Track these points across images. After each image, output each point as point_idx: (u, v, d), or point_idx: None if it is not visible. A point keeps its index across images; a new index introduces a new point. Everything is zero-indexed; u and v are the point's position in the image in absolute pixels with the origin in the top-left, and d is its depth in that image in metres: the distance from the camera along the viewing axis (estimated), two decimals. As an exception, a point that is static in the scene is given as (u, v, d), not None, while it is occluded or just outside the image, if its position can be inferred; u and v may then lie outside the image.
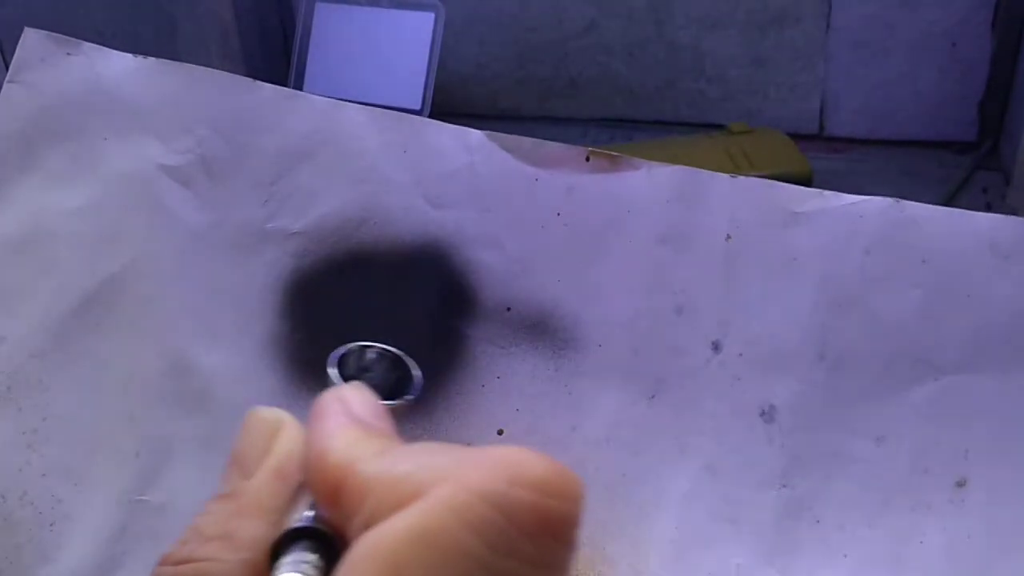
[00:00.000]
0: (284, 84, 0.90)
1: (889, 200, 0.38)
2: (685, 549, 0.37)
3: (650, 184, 0.40)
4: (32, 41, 0.44)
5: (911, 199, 0.84)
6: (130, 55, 0.44)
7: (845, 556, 0.36)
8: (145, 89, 0.43)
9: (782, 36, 0.86)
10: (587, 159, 0.41)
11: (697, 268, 0.39)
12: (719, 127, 0.82)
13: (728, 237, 0.40)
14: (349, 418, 0.22)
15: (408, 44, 0.85)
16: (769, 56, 0.87)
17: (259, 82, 0.43)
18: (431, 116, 0.84)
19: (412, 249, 0.42)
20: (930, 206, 0.39)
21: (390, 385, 0.28)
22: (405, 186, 0.42)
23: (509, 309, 0.41)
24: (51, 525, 0.39)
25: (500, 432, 0.39)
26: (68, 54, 0.44)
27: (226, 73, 0.44)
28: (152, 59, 0.43)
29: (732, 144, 0.76)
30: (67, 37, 0.44)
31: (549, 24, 0.91)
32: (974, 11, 0.80)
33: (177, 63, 0.44)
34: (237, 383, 0.41)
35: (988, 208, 0.75)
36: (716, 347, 0.39)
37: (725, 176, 0.40)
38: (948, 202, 0.76)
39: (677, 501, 0.38)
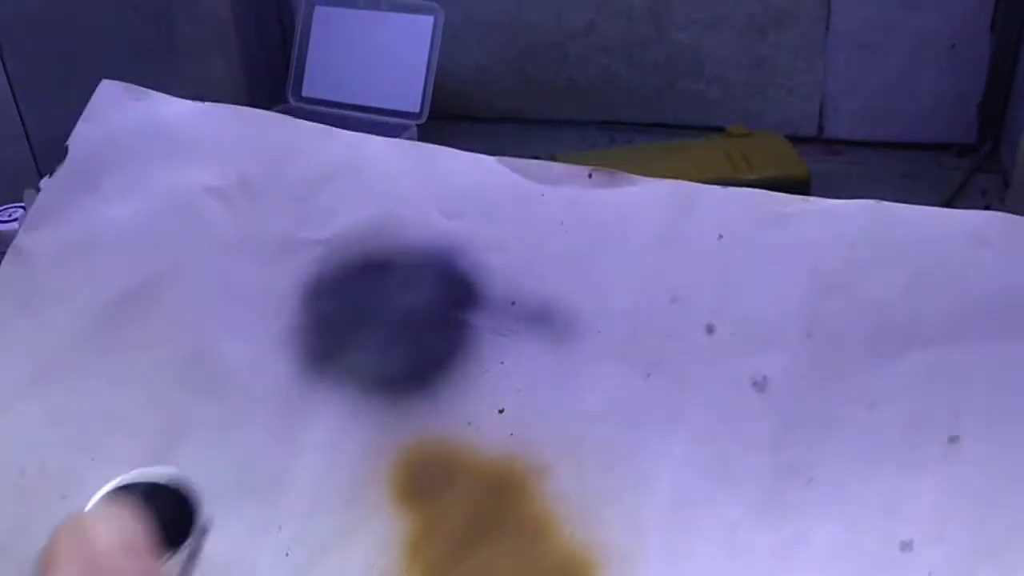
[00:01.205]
0: (282, 87, 0.91)
1: (872, 201, 0.41)
2: (680, 509, 0.38)
3: (647, 196, 0.44)
4: (107, 89, 0.50)
5: (910, 201, 0.84)
6: (191, 102, 0.50)
7: (839, 511, 0.37)
8: (198, 126, 0.49)
9: (781, 38, 0.86)
10: (589, 176, 0.45)
11: (691, 263, 0.42)
12: (718, 129, 0.82)
13: (720, 236, 0.42)
14: (82, 566, 0.19)
15: (407, 47, 0.85)
16: (768, 58, 0.87)
17: (298, 120, 0.49)
18: (430, 119, 0.84)
19: (424, 253, 0.45)
20: (912, 206, 0.41)
21: (177, 522, 0.26)
22: (421, 201, 0.46)
23: (513, 303, 0.43)
24: (63, 497, 0.41)
25: (501, 411, 0.41)
26: (136, 100, 0.50)
27: (270, 112, 0.50)
28: (209, 104, 0.50)
29: (731, 146, 0.76)
30: (140, 88, 0.50)
31: (548, 26, 0.91)
32: (973, 13, 0.80)
33: (230, 107, 0.50)
34: (255, 371, 0.44)
35: (987, 210, 0.75)
36: (709, 330, 0.41)
37: (717, 187, 0.43)
38: (947, 204, 0.76)
39: (672, 466, 0.39)
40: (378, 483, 0.41)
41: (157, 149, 0.49)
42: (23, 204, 0.57)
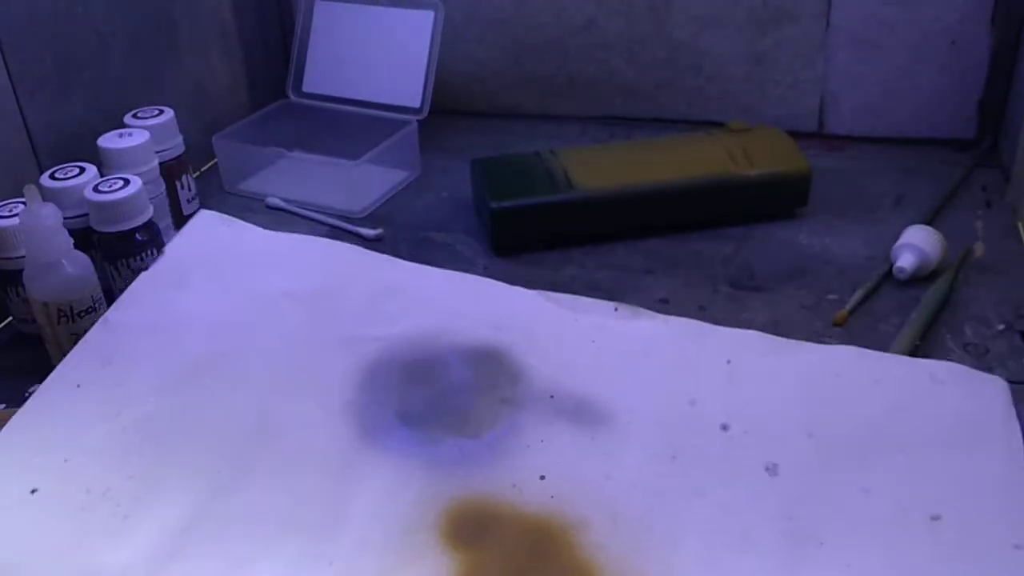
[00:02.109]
0: (283, 83, 0.91)
1: (852, 348, 0.53)
2: (708, 561, 0.43)
3: (666, 330, 0.54)
4: (203, 217, 0.61)
5: (911, 196, 0.84)
6: (274, 232, 0.61)
7: (848, 566, 0.42)
8: (280, 247, 0.60)
9: (781, 34, 0.86)
10: (615, 310, 0.56)
11: (705, 378, 0.51)
12: (718, 125, 0.82)
13: (728, 361, 0.52)
14: None
15: (407, 42, 0.85)
16: (768, 54, 0.87)
17: (368, 251, 0.60)
18: (431, 114, 0.84)
19: (474, 352, 0.53)
20: (884, 354, 0.53)
21: None
22: (474, 315, 0.55)
23: (552, 396, 0.51)
24: (125, 517, 0.45)
25: (542, 477, 0.47)
26: (227, 226, 0.60)
27: (345, 244, 0.60)
28: (291, 233, 0.61)
29: (731, 142, 0.76)
30: (231, 217, 0.61)
31: (548, 22, 0.91)
32: (973, 9, 0.80)
33: (309, 237, 0.61)
34: (314, 434, 0.50)
35: (988, 206, 0.75)
36: (725, 428, 0.49)
37: (724, 327, 0.55)
38: (948, 199, 0.76)
39: (699, 528, 0.44)
40: (427, 528, 0.44)
41: (243, 262, 0.58)
42: (24, 199, 0.57)
